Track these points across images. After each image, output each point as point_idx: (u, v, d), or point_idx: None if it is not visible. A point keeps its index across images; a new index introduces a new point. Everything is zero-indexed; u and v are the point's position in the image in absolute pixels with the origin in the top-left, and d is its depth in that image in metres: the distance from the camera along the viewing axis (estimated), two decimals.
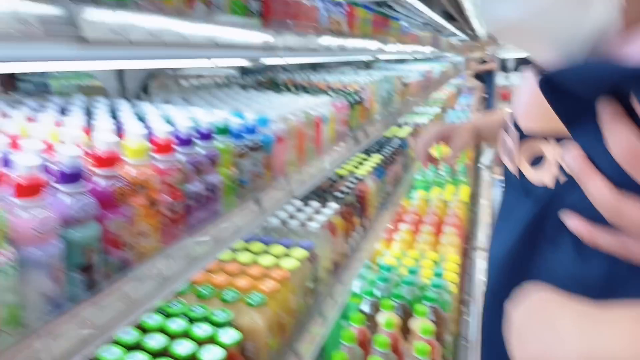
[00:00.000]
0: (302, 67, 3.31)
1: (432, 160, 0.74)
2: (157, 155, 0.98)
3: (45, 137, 0.95)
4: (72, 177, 0.78)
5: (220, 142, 1.20)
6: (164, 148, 0.99)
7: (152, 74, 1.65)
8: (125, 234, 0.88)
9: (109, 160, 0.85)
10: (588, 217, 0.44)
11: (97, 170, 0.84)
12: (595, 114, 0.41)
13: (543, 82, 0.44)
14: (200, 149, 1.12)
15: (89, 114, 1.21)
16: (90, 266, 0.81)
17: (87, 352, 0.76)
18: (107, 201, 0.84)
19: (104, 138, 0.85)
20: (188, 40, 1.04)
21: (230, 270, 1.49)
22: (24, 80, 2.50)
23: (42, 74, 2.49)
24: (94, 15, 0.78)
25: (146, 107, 1.28)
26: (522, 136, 0.58)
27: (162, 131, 1.00)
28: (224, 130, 1.22)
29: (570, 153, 0.43)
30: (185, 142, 1.06)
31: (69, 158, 0.78)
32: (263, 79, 2.79)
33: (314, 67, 3.38)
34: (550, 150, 0.53)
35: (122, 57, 0.87)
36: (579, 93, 0.42)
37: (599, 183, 0.40)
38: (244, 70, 3.08)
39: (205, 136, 1.13)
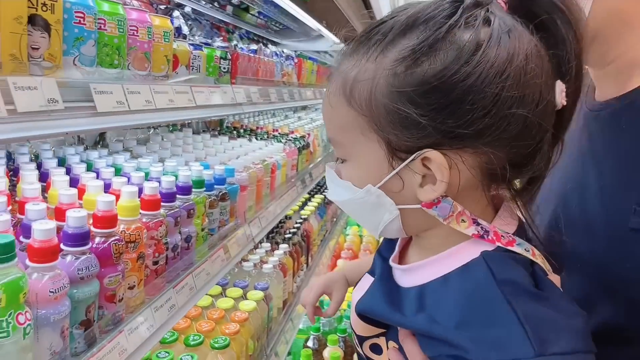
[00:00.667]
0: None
1: (319, 312, 0.96)
2: (145, 212, 1.05)
3: (34, 195, 0.98)
4: (80, 238, 0.83)
5: (194, 194, 1.28)
6: (152, 205, 1.06)
7: None
8: (119, 289, 0.94)
9: (109, 220, 0.91)
10: None
11: (98, 230, 0.90)
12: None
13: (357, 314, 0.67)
14: (179, 202, 1.20)
15: (62, 163, 1.24)
16: (90, 321, 0.86)
17: None
18: (106, 259, 0.90)
19: (103, 199, 0.91)
20: (175, 104, 1.14)
21: (191, 314, 1.54)
22: None
23: None
24: (105, 88, 0.86)
25: (120, 159, 1.33)
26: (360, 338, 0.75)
27: (150, 188, 1.07)
28: (199, 183, 1.30)
29: (391, 350, 0.66)
30: (170, 197, 1.14)
31: (77, 220, 0.84)
32: (210, 120, 2.87)
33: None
34: (384, 343, 0.72)
35: (123, 121, 0.95)
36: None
37: None
38: None
39: (185, 190, 1.21)
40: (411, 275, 0.64)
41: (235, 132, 2.38)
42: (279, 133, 2.50)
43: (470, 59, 0.52)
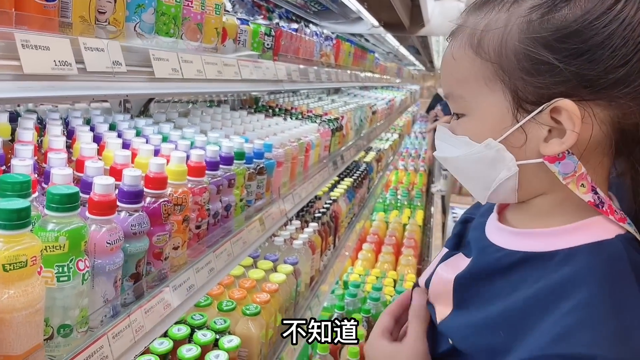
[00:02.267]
0: None
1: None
2: (191, 178, 1.10)
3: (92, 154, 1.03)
4: (134, 196, 0.88)
5: (235, 165, 1.33)
6: (198, 171, 1.11)
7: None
8: (165, 247, 0.99)
9: (160, 182, 0.95)
10: None
11: (149, 191, 0.95)
12: None
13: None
14: (221, 171, 1.24)
15: (113, 129, 1.29)
16: (139, 275, 0.92)
17: (135, 352, 0.86)
18: (156, 218, 0.95)
19: (156, 161, 0.96)
20: (223, 76, 1.17)
21: (224, 282, 1.59)
22: None
23: None
24: (163, 55, 0.90)
25: (165, 128, 1.38)
26: None
27: (196, 155, 1.11)
28: (241, 155, 1.34)
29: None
30: (214, 166, 1.18)
31: (132, 178, 0.88)
32: (245, 97, 2.91)
33: (293, 90, 3.53)
34: None
35: (177, 89, 0.99)
36: None
37: None
38: None
39: (228, 160, 1.25)
40: (524, 239, 0.60)
41: (270, 110, 2.42)
42: (313, 114, 2.52)
43: (614, 4, 0.50)
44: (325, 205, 2.43)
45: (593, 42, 0.51)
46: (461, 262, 0.68)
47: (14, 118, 1.16)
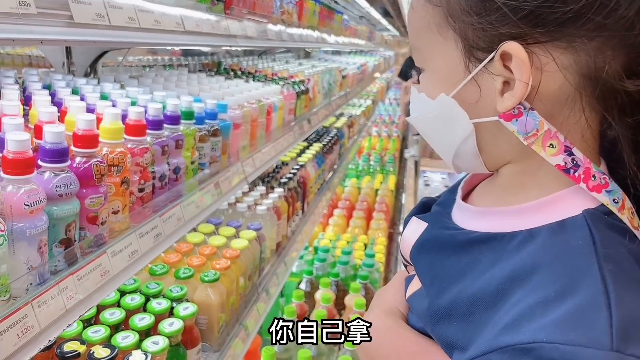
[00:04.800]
0: (246, 52, 3.33)
1: None
2: (130, 137, 1.02)
3: (14, 112, 0.94)
4: (58, 154, 0.80)
5: (184, 126, 1.25)
6: (137, 130, 1.03)
7: (104, 52, 1.62)
8: (101, 211, 0.92)
9: (90, 140, 0.88)
10: None
11: (78, 150, 0.87)
12: None
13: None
14: (167, 131, 1.17)
15: (48, 89, 1.19)
16: (70, 240, 0.85)
17: (67, 321, 0.80)
18: (87, 179, 0.87)
19: (84, 117, 0.88)
20: (161, 25, 1.08)
21: (183, 250, 1.54)
22: None
23: None
24: None
25: (107, 86, 1.28)
26: None
27: (135, 113, 1.03)
28: (189, 115, 1.26)
29: None
30: (156, 125, 1.11)
31: (54, 135, 0.80)
32: (207, 62, 2.78)
33: (258, 52, 3.40)
34: None
35: (103, 36, 0.90)
36: None
37: None
38: (185, 52, 3.03)
39: (174, 120, 1.18)
40: (484, 218, 0.54)
41: (232, 73, 2.31)
42: (278, 77, 2.43)
43: None
44: (292, 171, 2.37)
45: None
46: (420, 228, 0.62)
47: None
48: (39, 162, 0.80)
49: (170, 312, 1.26)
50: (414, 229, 0.61)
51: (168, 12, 1.11)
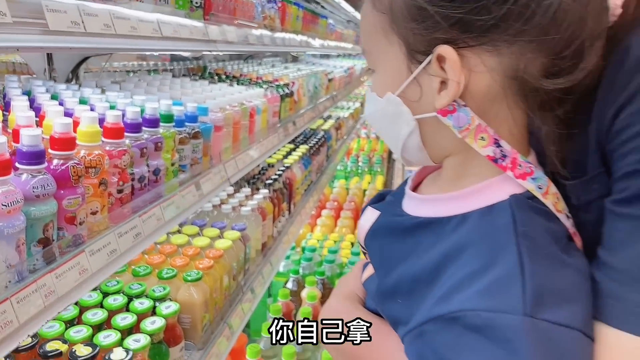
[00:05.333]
0: (232, 57, 3.36)
1: None
2: (108, 140, 1.05)
3: None
4: (34, 157, 0.83)
5: (163, 129, 1.28)
6: (114, 133, 1.06)
7: (86, 58, 1.65)
8: (79, 212, 0.95)
9: (66, 143, 0.91)
10: None
11: (55, 152, 0.90)
12: None
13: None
14: (146, 134, 1.20)
15: (28, 95, 1.22)
16: (48, 240, 0.88)
17: (46, 317, 0.83)
18: (64, 181, 0.90)
19: (61, 121, 0.91)
20: (138, 31, 1.11)
21: (166, 251, 1.57)
22: None
23: None
24: (58, 6, 0.84)
25: (87, 91, 1.31)
26: None
27: (112, 116, 1.06)
28: (168, 118, 1.30)
29: None
30: (134, 128, 1.14)
31: (30, 138, 0.83)
32: (193, 66, 2.82)
33: (244, 57, 3.44)
34: None
35: (78, 43, 0.93)
36: None
37: None
38: (172, 57, 3.07)
39: (152, 123, 1.21)
40: (427, 205, 0.59)
41: (216, 77, 2.35)
42: (262, 80, 2.47)
43: None
44: (277, 172, 2.41)
45: None
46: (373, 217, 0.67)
47: None
48: (17, 165, 0.83)
49: (153, 312, 1.29)
50: (369, 217, 0.65)
51: (145, 18, 1.15)
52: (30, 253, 0.84)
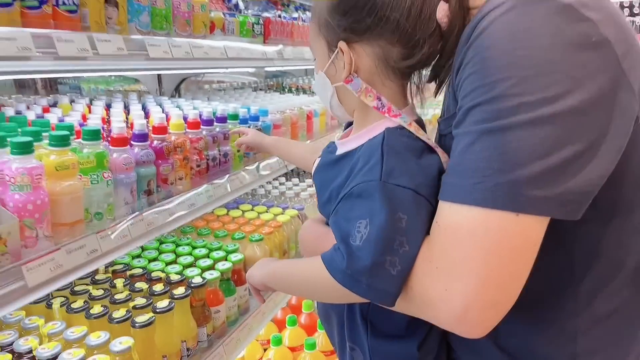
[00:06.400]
0: (308, 72, 3.85)
1: None
2: (189, 130, 1.53)
3: (119, 117, 1.51)
4: (141, 137, 1.33)
5: (231, 125, 1.75)
6: (193, 125, 1.54)
7: (184, 79, 2.21)
8: (170, 176, 1.43)
9: (160, 130, 1.40)
10: None
11: (154, 136, 1.40)
12: None
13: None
14: (218, 128, 1.67)
15: (142, 104, 1.78)
16: (150, 191, 1.37)
17: (152, 238, 1.30)
18: (160, 154, 1.39)
19: (157, 116, 1.40)
20: (210, 56, 1.59)
21: (240, 222, 2.03)
22: (62, 83, 2.82)
23: (75, 78, 2.68)
24: (155, 42, 1.34)
25: (181, 101, 1.84)
26: None
27: (192, 114, 1.55)
28: (234, 116, 1.76)
29: None
30: (208, 122, 1.61)
31: (140, 126, 1.33)
32: (272, 83, 3.35)
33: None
34: None
35: (169, 65, 1.42)
36: None
37: None
38: (257, 76, 3.64)
39: (221, 120, 1.68)
40: (346, 144, 0.92)
41: (287, 90, 2.82)
42: None
43: None
44: None
45: (351, 4, 0.83)
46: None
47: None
48: (131, 142, 1.33)
49: (225, 260, 1.74)
50: (316, 162, 1.02)
51: (214, 45, 1.63)
52: (139, 197, 1.33)
